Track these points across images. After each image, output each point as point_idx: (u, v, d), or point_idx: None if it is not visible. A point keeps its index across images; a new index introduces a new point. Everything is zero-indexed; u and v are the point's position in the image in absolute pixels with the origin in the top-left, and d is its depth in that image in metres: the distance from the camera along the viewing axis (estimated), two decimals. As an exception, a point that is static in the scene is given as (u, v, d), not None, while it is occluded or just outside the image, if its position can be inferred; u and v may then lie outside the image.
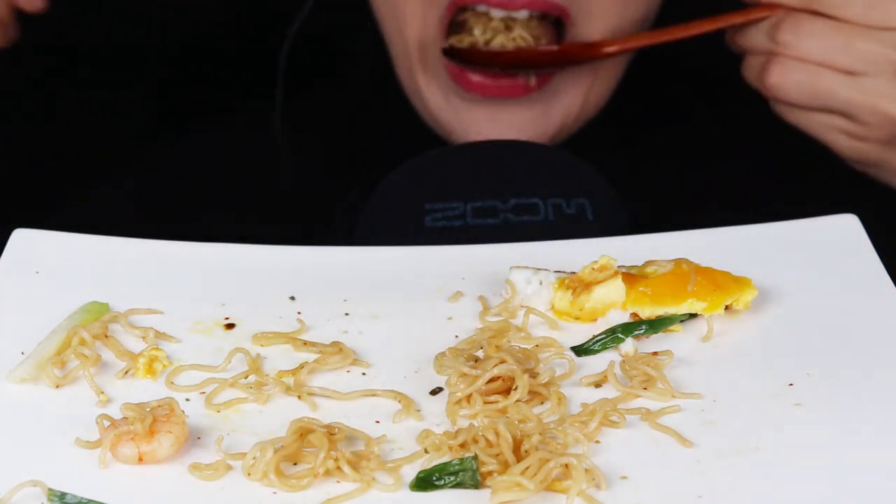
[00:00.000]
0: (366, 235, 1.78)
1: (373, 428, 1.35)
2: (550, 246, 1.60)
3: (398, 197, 1.78)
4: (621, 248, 1.56)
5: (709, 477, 1.28)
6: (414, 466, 1.30)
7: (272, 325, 1.49)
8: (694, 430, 1.33)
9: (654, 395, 1.38)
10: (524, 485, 1.25)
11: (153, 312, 1.50)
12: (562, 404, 1.37)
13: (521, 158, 1.81)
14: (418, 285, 1.54)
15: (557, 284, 1.50)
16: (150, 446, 1.30)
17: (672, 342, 1.46)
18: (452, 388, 1.38)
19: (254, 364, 1.42)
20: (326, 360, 1.43)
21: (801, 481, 1.27)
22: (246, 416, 1.37)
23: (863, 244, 1.56)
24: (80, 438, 1.32)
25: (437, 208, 1.75)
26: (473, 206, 1.75)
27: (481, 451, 1.28)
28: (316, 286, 1.54)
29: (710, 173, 1.97)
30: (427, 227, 1.74)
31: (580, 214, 1.75)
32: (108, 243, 1.59)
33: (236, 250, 1.59)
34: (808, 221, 1.60)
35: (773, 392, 1.38)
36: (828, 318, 1.47)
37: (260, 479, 1.28)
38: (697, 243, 1.57)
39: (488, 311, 1.50)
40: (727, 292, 1.48)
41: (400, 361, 1.44)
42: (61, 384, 1.40)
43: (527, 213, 1.74)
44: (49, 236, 1.58)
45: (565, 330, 1.49)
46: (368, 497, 1.27)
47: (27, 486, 1.25)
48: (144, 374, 1.42)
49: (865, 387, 1.37)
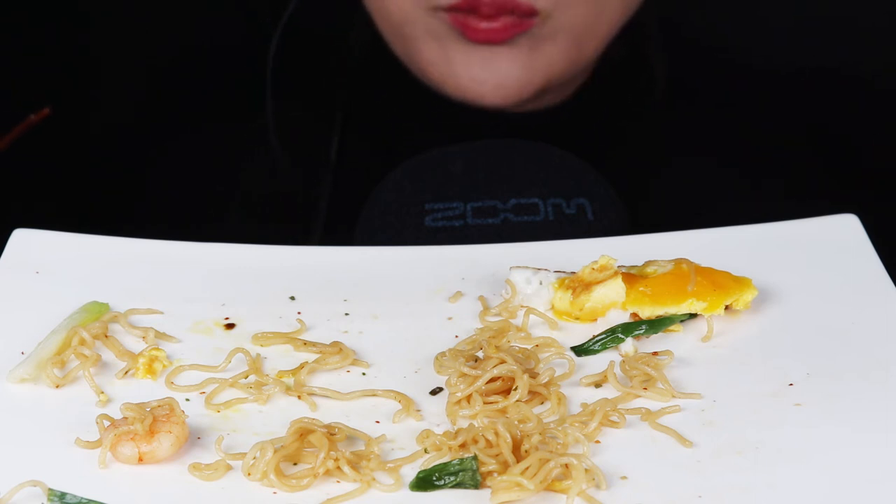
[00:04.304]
0: (366, 235, 1.78)
1: (373, 428, 1.35)
2: (550, 246, 1.60)
3: (398, 197, 1.78)
4: (621, 248, 1.55)
5: (709, 477, 1.28)
6: (414, 466, 1.30)
7: (272, 325, 1.49)
8: (694, 430, 1.33)
9: (654, 395, 1.38)
10: (524, 485, 1.25)
11: (153, 312, 1.50)
12: (562, 404, 1.37)
13: (521, 158, 1.81)
14: (418, 285, 1.54)
15: (557, 284, 1.50)
16: (150, 446, 1.30)
17: (672, 342, 1.46)
18: (452, 389, 1.38)
19: (254, 364, 1.42)
20: (326, 360, 1.43)
21: (801, 481, 1.27)
22: (246, 416, 1.37)
23: (863, 244, 1.56)
24: (80, 438, 1.32)
25: (437, 208, 1.75)
26: (473, 206, 1.75)
27: (481, 452, 1.28)
28: (316, 286, 1.54)
29: (710, 173, 1.97)
30: (427, 227, 1.74)
31: (580, 214, 1.75)
32: (108, 243, 1.59)
33: (236, 250, 1.59)
34: (808, 221, 1.60)
35: (773, 392, 1.38)
36: (828, 318, 1.47)
37: (260, 479, 1.28)
38: (697, 243, 1.57)
39: (488, 311, 1.50)
40: (727, 292, 1.48)
41: (400, 361, 1.44)
42: (61, 384, 1.40)
43: (527, 213, 1.74)
44: (49, 236, 1.58)
45: (565, 330, 1.49)
46: (368, 497, 1.27)
47: (27, 486, 1.25)
48: (144, 374, 1.42)
49: (865, 387, 1.37)
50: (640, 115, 2.03)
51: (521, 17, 1.84)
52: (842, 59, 2.04)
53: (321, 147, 2.04)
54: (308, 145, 2.05)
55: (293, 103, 2.05)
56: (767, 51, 2.05)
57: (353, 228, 1.82)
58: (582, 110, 1.99)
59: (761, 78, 2.03)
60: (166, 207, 2.00)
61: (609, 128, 2.01)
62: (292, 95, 2.05)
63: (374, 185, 1.83)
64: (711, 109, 2.02)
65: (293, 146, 2.04)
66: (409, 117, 2.00)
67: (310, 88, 2.06)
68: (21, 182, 2.00)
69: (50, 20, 2.11)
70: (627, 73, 2.00)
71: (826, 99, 2.03)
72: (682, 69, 2.02)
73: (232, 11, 2.15)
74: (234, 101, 2.09)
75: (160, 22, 2.13)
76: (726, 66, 2.00)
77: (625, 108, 2.02)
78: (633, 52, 2.00)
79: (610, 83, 1.99)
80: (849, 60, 2.04)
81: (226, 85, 2.11)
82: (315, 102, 2.06)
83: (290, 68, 2.03)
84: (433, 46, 1.88)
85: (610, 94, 2.00)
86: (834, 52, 2.04)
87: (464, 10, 1.83)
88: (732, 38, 2.04)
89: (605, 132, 2.00)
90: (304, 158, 2.04)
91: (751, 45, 2.05)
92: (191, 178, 2.02)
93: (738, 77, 1.87)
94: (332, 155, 2.03)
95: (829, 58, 2.04)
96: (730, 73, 1.97)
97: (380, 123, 2.04)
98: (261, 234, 1.64)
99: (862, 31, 2.07)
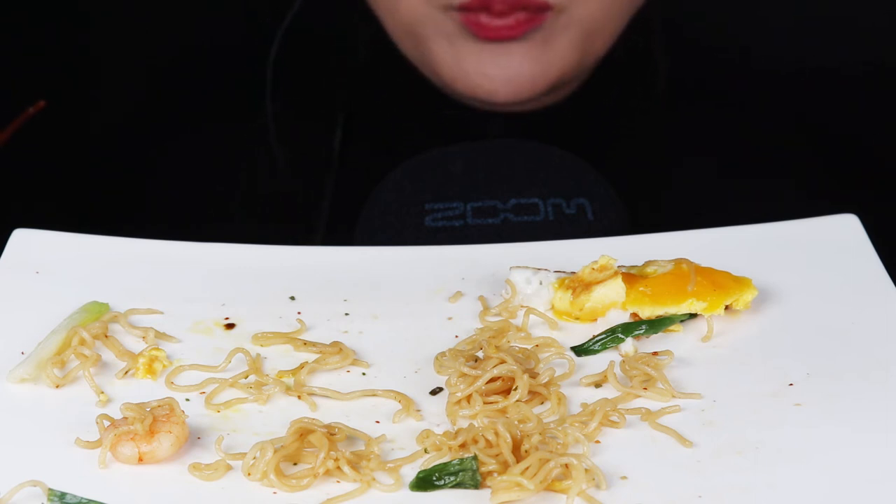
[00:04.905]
0: (366, 235, 1.78)
1: (373, 428, 1.35)
2: (550, 246, 1.60)
3: (398, 197, 1.78)
4: (621, 248, 1.55)
5: (709, 477, 1.28)
6: (414, 466, 1.30)
7: (272, 325, 1.49)
8: (694, 430, 1.33)
9: (654, 395, 1.38)
10: (524, 485, 1.25)
11: (153, 312, 1.50)
12: (562, 404, 1.37)
13: (521, 158, 1.81)
14: (418, 285, 1.54)
15: (557, 284, 1.50)
16: (150, 446, 1.30)
17: (672, 342, 1.46)
18: (452, 389, 1.38)
19: (254, 364, 1.42)
20: (326, 360, 1.43)
21: (800, 481, 1.27)
22: (246, 416, 1.37)
23: (863, 244, 1.56)
24: (80, 438, 1.32)
25: (437, 208, 1.75)
26: (473, 206, 1.75)
27: (481, 452, 1.28)
28: (316, 286, 1.54)
29: (710, 173, 1.97)
30: (427, 227, 1.74)
31: (580, 214, 1.75)
32: (108, 243, 1.59)
33: (236, 250, 1.59)
34: (808, 221, 1.60)
35: (773, 392, 1.38)
36: (828, 318, 1.47)
37: (260, 479, 1.28)
38: (697, 243, 1.57)
39: (488, 311, 1.50)
40: (727, 292, 1.48)
41: (400, 361, 1.44)
42: (61, 384, 1.40)
43: (527, 213, 1.74)
44: (49, 236, 1.58)
45: (565, 330, 1.49)
46: (368, 497, 1.27)
47: (27, 486, 1.25)
48: (144, 374, 1.42)
49: (865, 387, 1.37)
50: (640, 114, 2.03)
51: (534, 12, 1.84)
52: (842, 59, 2.04)
53: (321, 147, 2.04)
54: (308, 145, 2.05)
55: (293, 103, 2.05)
56: (767, 51, 2.05)
57: (353, 228, 1.82)
58: (582, 110, 1.99)
59: (761, 78, 2.03)
60: (166, 207, 2.00)
61: (609, 128, 2.01)
62: (293, 95, 2.05)
63: (374, 185, 1.83)
64: (712, 109, 2.02)
65: (293, 146, 2.04)
66: (409, 117, 2.00)
67: (310, 88, 2.06)
68: (21, 182, 2.00)
69: (50, 20, 2.11)
70: (628, 72, 2.00)
71: (826, 99, 2.03)
72: (682, 69, 2.02)
73: (232, 11, 2.15)
74: (234, 101, 2.09)
75: (160, 22, 2.13)
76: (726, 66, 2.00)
77: (625, 108, 2.01)
78: (634, 52, 2.00)
79: (610, 83, 1.99)
80: (849, 60, 2.04)
81: (226, 85, 2.11)
82: (315, 102, 2.06)
83: (290, 68, 2.03)
84: (444, 46, 1.89)
85: (610, 94, 2.00)
86: (834, 52, 2.04)
87: (475, 8, 1.83)
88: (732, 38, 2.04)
89: (605, 132, 2.00)
90: (305, 158, 2.04)
91: (751, 45, 2.05)
92: (191, 178, 2.02)
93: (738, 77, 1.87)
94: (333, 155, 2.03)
95: (829, 58, 2.04)
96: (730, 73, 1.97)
97: (380, 123, 2.04)
98: (261, 234, 1.63)
99: (862, 31, 2.07)
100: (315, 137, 2.05)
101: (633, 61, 2.00)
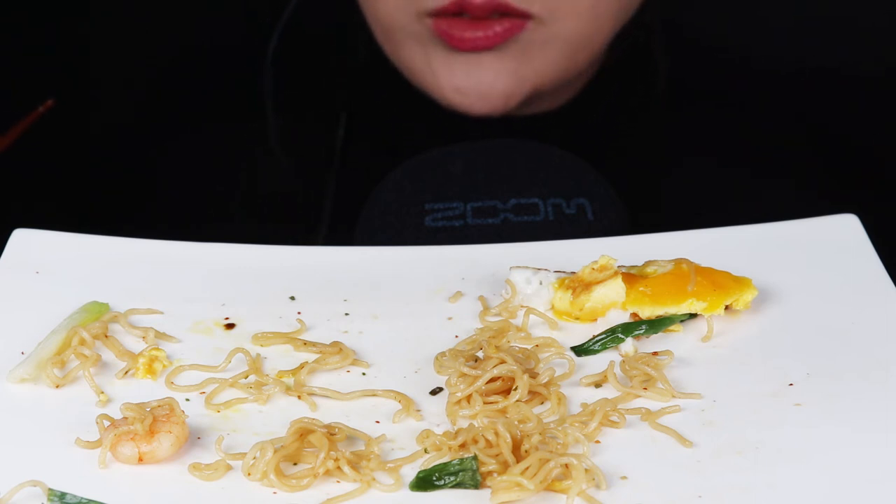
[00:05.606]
0: (366, 235, 1.78)
1: (373, 428, 1.35)
2: (550, 246, 1.60)
3: (398, 197, 1.78)
4: (621, 248, 1.55)
5: (709, 477, 1.28)
6: (414, 466, 1.30)
7: (272, 325, 1.49)
8: (694, 430, 1.33)
9: (654, 395, 1.38)
10: (524, 485, 1.25)
11: (153, 312, 1.50)
12: (562, 404, 1.37)
13: (521, 158, 1.81)
14: (418, 285, 1.54)
15: (557, 284, 1.50)
16: (150, 446, 1.30)
17: (672, 342, 1.46)
18: (452, 389, 1.38)
19: (254, 364, 1.42)
20: (326, 360, 1.43)
21: (800, 481, 1.27)
22: (246, 416, 1.37)
23: (863, 244, 1.56)
24: (80, 438, 1.32)
25: (437, 208, 1.75)
26: (473, 206, 1.75)
27: (481, 452, 1.28)
28: (316, 286, 1.54)
29: (710, 173, 1.97)
30: (427, 227, 1.74)
31: (580, 214, 1.75)
32: (108, 243, 1.59)
33: (236, 250, 1.59)
34: (808, 221, 1.60)
35: (773, 392, 1.38)
36: (828, 318, 1.47)
37: (260, 479, 1.28)
38: (697, 243, 1.57)
39: (488, 311, 1.50)
40: (727, 292, 1.48)
41: (400, 361, 1.44)
42: (61, 384, 1.40)
43: (527, 213, 1.74)
44: (49, 236, 1.58)
45: (565, 330, 1.49)
46: (368, 497, 1.27)
47: (27, 486, 1.25)
48: (144, 374, 1.42)
49: (865, 387, 1.37)
50: (640, 115, 2.03)
51: (514, 18, 1.83)
52: (842, 59, 2.04)
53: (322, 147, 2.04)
54: (308, 145, 2.05)
55: (294, 103, 2.05)
56: (767, 51, 2.05)
57: (353, 228, 1.82)
58: (582, 110, 1.99)
59: (761, 78, 2.03)
60: (166, 207, 2.00)
61: (609, 128, 2.01)
62: (293, 96, 2.05)
63: (375, 185, 1.83)
64: (712, 109, 2.03)
65: (293, 146, 2.04)
66: (409, 117, 2.00)
67: (310, 88, 2.06)
68: (21, 182, 2.00)
69: (50, 20, 2.11)
70: (628, 72, 2.00)
71: (826, 99, 2.03)
72: (682, 69, 2.02)
73: (232, 11, 2.15)
74: (234, 101, 2.09)
75: (160, 22, 2.13)
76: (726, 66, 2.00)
77: (625, 108, 2.01)
78: (634, 53, 2.00)
79: (610, 83, 1.99)
80: (849, 60, 2.04)
81: (226, 85, 2.11)
82: (315, 102, 2.06)
83: (290, 68, 2.03)
84: (418, 52, 1.88)
85: (610, 94, 2.00)
86: (834, 52, 2.04)
87: (452, 13, 1.82)
88: (733, 38, 2.04)
89: (605, 132, 2.00)
90: (305, 158, 2.04)
91: (751, 44, 2.05)
92: (191, 178, 2.02)
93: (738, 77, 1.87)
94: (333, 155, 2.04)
95: (829, 58, 2.04)
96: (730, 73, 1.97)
97: (380, 123, 2.04)
98: (261, 234, 1.63)
99: (862, 31, 2.07)
100: (315, 137, 2.05)
101: (633, 61, 2.00)
